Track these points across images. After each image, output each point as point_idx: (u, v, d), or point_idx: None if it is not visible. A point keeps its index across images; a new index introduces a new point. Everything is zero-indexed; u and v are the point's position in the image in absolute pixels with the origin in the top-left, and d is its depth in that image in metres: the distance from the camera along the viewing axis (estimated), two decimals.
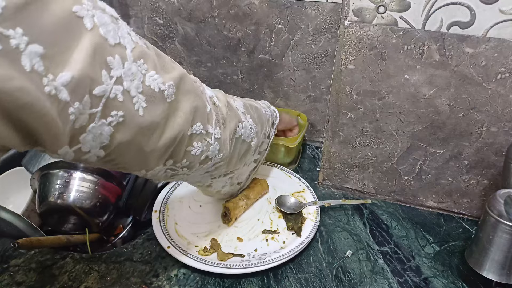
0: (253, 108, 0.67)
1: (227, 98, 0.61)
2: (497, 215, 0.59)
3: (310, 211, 0.77)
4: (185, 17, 0.97)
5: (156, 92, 0.41)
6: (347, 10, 0.68)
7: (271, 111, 0.77)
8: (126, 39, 0.38)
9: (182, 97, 0.46)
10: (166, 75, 0.43)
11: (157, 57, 0.44)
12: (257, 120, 0.67)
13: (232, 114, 0.59)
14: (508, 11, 0.59)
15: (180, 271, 0.66)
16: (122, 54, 0.37)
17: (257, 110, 0.69)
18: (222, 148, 0.56)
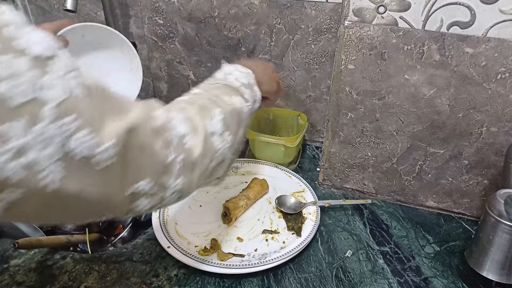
0: (233, 115, 0.55)
1: (206, 124, 0.49)
2: (497, 215, 0.59)
3: (310, 211, 0.77)
4: (185, 17, 0.97)
5: (83, 158, 0.31)
6: (347, 10, 0.68)
7: (252, 95, 0.62)
8: (51, 91, 0.29)
9: (128, 154, 0.36)
10: (108, 129, 0.33)
11: (104, 102, 0.34)
12: (236, 129, 0.56)
13: (207, 148, 0.48)
14: (508, 11, 0.59)
15: (180, 271, 0.66)
16: (34, 113, 0.28)
17: (238, 114, 0.57)
18: (184, 194, 0.47)
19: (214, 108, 0.52)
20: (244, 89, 0.60)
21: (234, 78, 0.61)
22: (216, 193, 0.84)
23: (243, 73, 0.62)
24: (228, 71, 0.62)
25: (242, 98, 0.59)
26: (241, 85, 0.60)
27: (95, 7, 1.05)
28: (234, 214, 0.75)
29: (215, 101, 0.53)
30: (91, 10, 1.06)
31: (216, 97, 0.55)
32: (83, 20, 1.08)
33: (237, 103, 0.57)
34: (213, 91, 0.57)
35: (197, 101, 0.52)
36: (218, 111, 0.52)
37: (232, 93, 0.58)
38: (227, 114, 0.53)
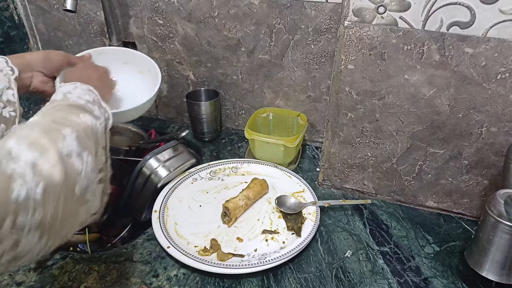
0: (88, 134, 0.50)
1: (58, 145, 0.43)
2: (497, 215, 0.59)
3: (310, 211, 0.77)
4: (185, 17, 0.97)
5: None
6: (347, 10, 0.68)
7: (102, 112, 0.57)
8: None
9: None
10: None
11: None
12: (94, 149, 0.50)
13: (67, 170, 0.43)
14: (508, 11, 0.59)
15: (180, 271, 0.66)
16: None
17: (93, 133, 0.52)
18: (46, 229, 0.40)
19: (62, 128, 0.46)
20: (91, 106, 0.54)
21: (76, 97, 0.54)
22: (216, 193, 0.84)
23: (84, 90, 0.56)
24: (66, 91, 0.55)
25: (92, 116, 0.53)
26: (86, 102, 0.54)
27: (95, 7, 1.05)
28: (234, 214, 0.75)
29: (61, 122, 0.47)
30: (91, 10, 1.06)
31: (62, 118, 0.48)
32: (83, 20, 1.08)
33: (88, 121, 0.51)
34: (57, 114, 0.50)
35: (40, 125, 0.46)
36: (68, 130, 0.46)
37: (79, 111, 0.51)
38: (80, 132, 0.47)
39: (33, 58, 0.65)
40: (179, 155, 0.86)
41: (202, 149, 1.02)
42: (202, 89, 1.06)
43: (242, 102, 1.06)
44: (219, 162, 0.92)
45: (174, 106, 1.14)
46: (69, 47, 1.15)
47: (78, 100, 0.54)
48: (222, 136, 1.08)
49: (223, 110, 1.09)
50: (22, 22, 1.14)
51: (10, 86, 0.59)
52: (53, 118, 0.48)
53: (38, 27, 1.15)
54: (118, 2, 1.01)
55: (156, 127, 1.13)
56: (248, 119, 0.96)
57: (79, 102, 0.53)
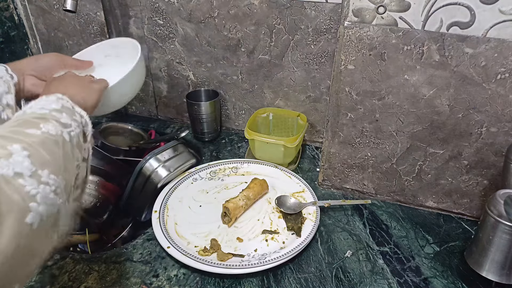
0: (49, 148, 0.43)
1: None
2: (497, 215, 0.59)
3: (310, 211, 0.77)
4: (185, 17, 0.97)
5: None
6: (347, 11, 0.68)
7: (74, 118, 0.51)
8: None
9: None
10: None
11: None
12: (61, 164, 0.44)
13: (11, 197, 0.35)
14: (508, 11, 0.59)
15: (180, 271, 0.66)
16: None
17: (59, 145, 0.45)
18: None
19: (8, 144, 0.39)
20: (57, 114, 0.49)
21: (39, 107, 0.49)
22: (216, 193, 0.84)
23: (49, 100, 0.51)
24: (28, 106, 0.50)
25: (58, 123, 0.47)
26: (50, 111, 0.49)
27: (95, 7, 1.05)
28: (234, 214, 0.75)
29: (9, 137, 0.41)
30: (91, 11, 1.06)
31: (11, 132, 0.42)
32: (83, 21, 1.08)
33: (50, 130, 0.45)
34: (7, 129, 0.43)
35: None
36: (16, 146, 0.39)
37: (40, 121, 0.45)
38: (35, 148, 0.41)
39: (23, 62, 0.67)
40: (179, 155, 0.86)
41: (202, 149, 1.02)
42: (202, 89, 1.06)
43: (242, 102, 1.06)
44: (219, 162, 0.92)
45: (174, 106, 1.14)
46: (69, 47, 1.15)
47: (40, 111, 0.48)
48: (222, 136, 1.08)
49: (223, 110, 1.09)
50: (22, 22, 1.14)
51: (10, 91, 0.60)
52: (2, 133, 0.42)
53: (38, 27, 1.15)
54: (118, 2, 1.01)
55: (156, 127, 1.13)
56: (248, 119, 0.96)
57: (42, 111, 0.48)
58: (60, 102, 0.52)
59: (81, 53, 0.81)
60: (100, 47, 0.83)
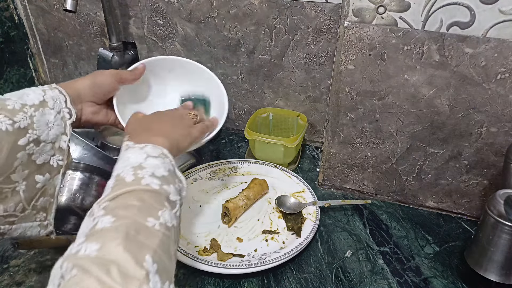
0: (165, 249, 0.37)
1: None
2: (497, 216, 0.59)
3: (310, 211, 0.77)
4: (185, 17, 0.97)
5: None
6: (347, 11, 0.68)
7: (176, 188, 0.46)
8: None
9: None
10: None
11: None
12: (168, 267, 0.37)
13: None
14: (508, 11, 0.59)
15: (179, 271, 0.66)
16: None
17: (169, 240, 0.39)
18: None
19: (141, 257, 0.34)
20: (167, 187, 0.43)
21: (150, 174, 0.42)
22: (216, 193, 0.84)
23: (157, 157, 0.45)
24: (136, 163, 0.43)
25: (169, 206, 0.42)
26: (162, 182, 0.42)
27: (95, 7, 1.05)
28: (234, 214, 0.75)
29: (138, 241, 0.35)
30: (90, 11, 1.06)
31: (135, 228, 0.36)
32: (83, 21, 1.08)
33: (167, 221, 0.39)
34: (130, 215, 0.37)
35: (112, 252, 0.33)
36: (148, 259, 0.34)
37: (157, 205, 0.40)
38: (159, 255, 0.35)
39: (82, 87, 0.56)
40: None
41: (202, 149, 1.02)
42: None
43: (242, 102, 1.06)
44: (219, 162, 0.92)
45: None
46: (69, 47, 1.15)
47: (153, 183, 0.41)
48: (222, 136, 1.08)
49: None
50: (22, 22, 1.14)
51: (65, 131, 0.51)
52: (126, 228, 0.35)
53: (38, 27, 1.15)
54: (118, 2, 1.01)
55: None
56: (248, 119, 0.96)
57: (154, 186, 0.41)
58: (167, 164, 0.45)
59: (155, 59, 0.69)
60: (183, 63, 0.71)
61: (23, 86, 1.19)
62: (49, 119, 0.49)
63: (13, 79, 1.13)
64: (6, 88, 1.11)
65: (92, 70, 1.16)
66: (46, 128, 0.48)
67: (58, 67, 1.21)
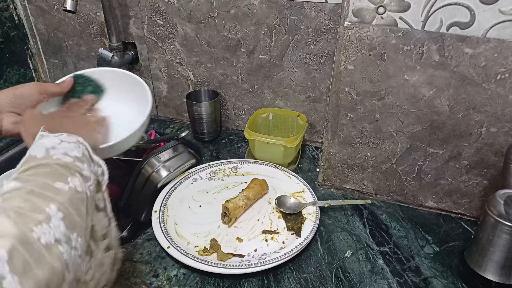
0: (77, 207, 0.40)
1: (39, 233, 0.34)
2: (497, 216, 0.59)
3: (310, 211, 0.77)
4: (185, 17, 0.97)
5: None
6: (346, 11, 0.68)
7: (93, 170, 0.48)
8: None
9: None
10: None
11: None
12: (84, 225, 0.41)
13: (53, 271, 0.33)
14: (508, 12, 0.59)
15: (180, 271, 0.66)
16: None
17: (84, 203, 0.42)
18: None
19: (46, 205, 0.36)
20: (80, 164, 0.45)
21: (62, 153, 0.44)
22: (216, 193, 0.84)
23: (71, 143, 0.47)
24: (49, 145, 0.45)
25: (82, 178, 0.43)
26: (74, 159, 0.44)
27: (94, 8, 1.05)
28: (234, 215, 0.75)
29: (44, 194, 0.38)
30: (90, 11, 1.06)
31: (44, 188, 0.38)
32: (83, 21, 1.08)
33: (77, 186, 0.41)
34: (37, 179, 0.39)
35: (15, 201, 0.35)
36: (53, 206, 0.36)
37: (66, 174, 0.42)
38: (66, 208, 0.38)
39: (0, 98, 0.58)
40: (179, 155, 0.86)
41: (202, 150, 1.02)
42: (202, 90, 1.06)
43: (242, 103, 1.06)
44: (219, 162, 0.92)
45: (174, 106, 1.14)
46: (69, 47, 1.15)
47: (64, 158, 0.43)
48: (222, 136, 1.08)
49: (223, 110, 1.09)
50: (22, 22, 1.14)
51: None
52: (32, 186, 0.38)
53: (38, 27, 1.15)
54: (118, 2, 1.01)
55: (156, 127, 1.13)
56: (248, 120, 0.96)
57: (66, 159, 0.43)
58: (81, 149, 0.47)
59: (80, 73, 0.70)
60: (103, 73, 0.72)
61: None
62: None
63: (13, 79, 1.13)
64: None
65: None
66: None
67: (58, 67, 1.21)
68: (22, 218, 0.33)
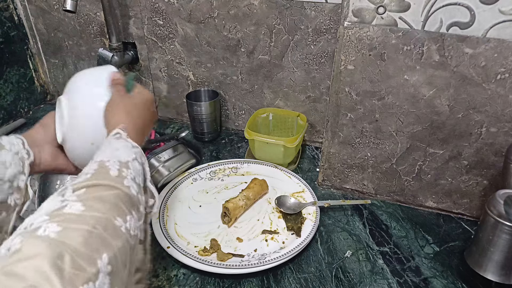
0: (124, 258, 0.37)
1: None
2: (497, 216, 0.59)
3: (310, 211, 0.77)
4: (185, 17, 0.97)
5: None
6: (346, 11, 0.68)
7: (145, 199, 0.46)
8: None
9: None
10: None
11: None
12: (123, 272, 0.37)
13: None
14: (507, 12, 0.59)
15: (180, 271, 0.66)
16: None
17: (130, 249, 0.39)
18: None
19: (99, 255, 0.34)
20: (141, 197, 0.43)
21: (132, 178, 0.43)
22: (216, 193, 0.84)
23: (140, 164, 0.46)
24: (124, 159, 0.44)
25: (137, 216, 0.41)
26: (138, 190, 0.43)
27: (94, 8, 1.05)
28: (233, 215, 0.75)
29: (101, 236, 0.35)
30: (90, 11, 1.06)
31: (105, 226, 0.36)
32: (83, 21, 1.08)
33: (131, 228, 0.39)
34: (102, 208, 0.37)
35: (72, 236, 0.33)
36: (105, 259, 0.34)
37: (127, 209, 0.40)
38: (117, 258, 0.35)
39: (35, 131, 0.57)
40: (179, 155, 0.86)
41: (202, 150, 1.02)
42: (202, 90, 1.06)
43: (242, 103, 1.06)
44: (219, 163, 0.92)
45: (174, 106, 1.14)
46: (69, 47, 1.15)
47: (132, 187, 0.41)
48: (222, 136, 1.08)
49: (223, 110, 1.09)
50: (22, 22, 1.14)
51: (23, 171, 0.52)
52: (95, 221, 0.35)
53: (38, 27, 1.15)
54: (118, 2, 1.01)
55: (156, 128, 1.13)
56: (248, 120, 0.96)
57: (132, 191, 0.41)
58: (145, 175, 0.45)
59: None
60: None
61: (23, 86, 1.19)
62: (6, 159, 0.50)
63: (13, 79, 1.13)
64: (6, 88, 1.11)
65: None
66: (3, 167, 0.49)
67: (58, 67, 1.21)
68: (71, 280, 0.30)
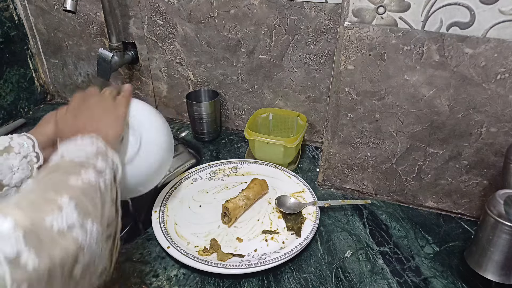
0: (91, 196, 0.43)
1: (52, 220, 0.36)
2: (497, 216, 0.59)
3: (310, 211, 0.77)
4: (185, 17, 0.97)
5: None
6: (346, 11, 0.68)
7: (107, 162, 0.50)
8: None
9: None
10: None
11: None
12: (100, 212, 0.43)
13: (65, 250, 0.36)
14: (508, 12, 0.59)
15: (180, 271, 0.66)
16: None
17: (97, 193, 0.45)
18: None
19: (58, 197, 0.39)
20: (94, 159, 0.47)
21: (76, 155, 0.47)
22: (216, 193, 0.84)
23: (84, 144, 0.49)
24: (64, 150, 0.48)
25: (94, 171, 0.46)
26: (88, 158, 0.47)
27: (95, 8, 1.05)
28: (233, 215, 0.75)
29: (56, 188, 0.41)
30: (90, 11, 1.06)
31: (56, 183, 0.42)
32: (83, 21, 1.08)
33: (91, 178, 0.44)
34: (51, 177, 0.43)
35: (28, 198, 0.39)
36: (65, 197, 0.39)
37: (80, 168, 0.45)
38: (80, 197, 0.41)
39: (50, 130, 0.57)
40: (179, 155, 0.86)
41: (202, 150, 1.02)
42: (202, 90, 1.06)
43: (242, 103, 1.06)
44: (219, 163, 0.92)
45: (174, 106, 1.14)
46: (69, 47, 1.15)
47: (77, 159, 0.46)
48: (222, 136, 1.08)
49: (223, 110, 1.09)
50: (22, 22, 1.14)
51: (32, 175, 0.53)
52: (46, 184, 0.41)
53: (38, 27, 1.15)
54: (118, 2, 1.01)
55: None
56: (248, 120, 0.96)
57: (79, 159, 0.46)
58: (95, 146, 0.49)
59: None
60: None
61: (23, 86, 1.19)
62: (13, 164, 0.50)
63: (13, 79, 1.13)
64: (6, 89, 1.11)
65: (92, 70, 1.17)
66: (10, 172, 0.50)
67: (58, 67, 1.21)
68: (34, 211, 0.36)
